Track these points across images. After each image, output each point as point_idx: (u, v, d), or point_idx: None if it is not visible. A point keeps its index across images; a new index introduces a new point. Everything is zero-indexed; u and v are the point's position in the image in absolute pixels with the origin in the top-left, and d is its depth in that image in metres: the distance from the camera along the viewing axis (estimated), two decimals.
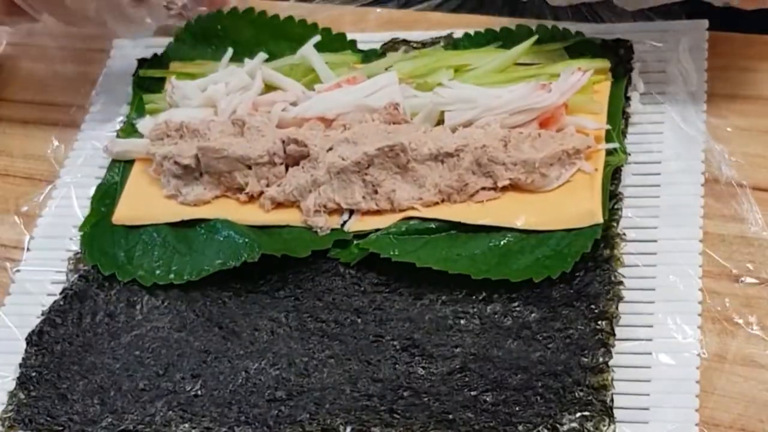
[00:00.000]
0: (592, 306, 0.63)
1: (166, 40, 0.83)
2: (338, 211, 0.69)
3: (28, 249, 0.74)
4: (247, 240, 0.68)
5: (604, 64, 0.73)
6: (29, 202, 0.77)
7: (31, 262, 0.73)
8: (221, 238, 0.69)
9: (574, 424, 0.59)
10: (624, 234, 0.66)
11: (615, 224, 0.66)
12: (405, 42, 0.79)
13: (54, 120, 0.82)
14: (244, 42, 0.80)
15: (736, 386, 0.61)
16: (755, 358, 0.62)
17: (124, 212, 0.73)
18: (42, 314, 0.70)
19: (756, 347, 0.62)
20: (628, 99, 0.72)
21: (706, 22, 0.75)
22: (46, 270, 0.73)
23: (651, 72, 0.74)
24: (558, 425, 0.59)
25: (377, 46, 0.79)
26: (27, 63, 0.88)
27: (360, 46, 0.80)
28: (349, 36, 0.81)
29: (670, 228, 0.66)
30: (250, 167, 0.71)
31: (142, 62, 0.82)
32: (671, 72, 0.73)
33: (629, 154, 0.70)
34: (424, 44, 0.79)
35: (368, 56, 0.78)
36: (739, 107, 0.72)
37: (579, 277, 0.64)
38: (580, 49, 0.74)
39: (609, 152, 0.69)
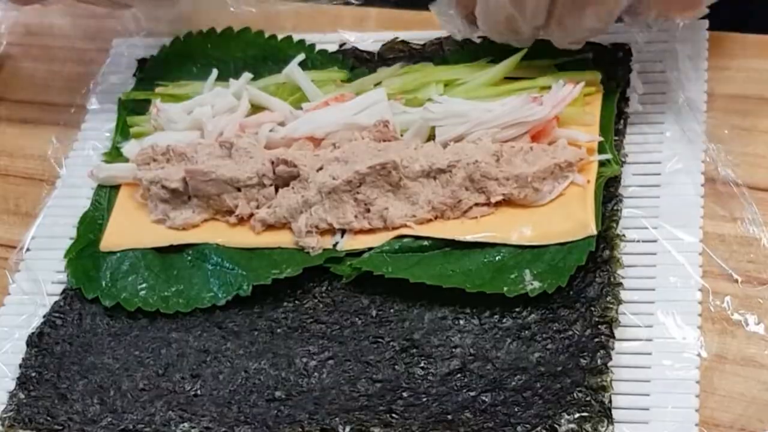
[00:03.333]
0: (592, 308, 0.63)
1: (165, 41, 0.83)
2: (330, 231, 0.69)
3: (28, 249, 0.74)
4: (236, 269, 0.68)
5: (595, 76, 0.72)
6: (29, 202, 0.77)
7: (31, 263, 0.73)
8: (210, 267, 0.69)
9: (572, 425, 0.59)
10: (624, 235, 0.66)
11: (615, 225, 0.66)
12: (404, 42, 0.79)
13: (54, 120, 0.82)
14: (229, 61, 0.79)
15: (736, 386, 0.61)
16: (755, 358, 0.62)
17: (112, 239, 0.72)
18: (42, 314, 0.70)
19: (756, 347, 0.62)
20: (627, 100, 0.72)
21: (706, 23, 0.75)
22: (46, 270, 0.73)
23: (650, 72, 0.74)
24: (556, 426, 0.59)
25: (377, 46, 0.79)
26: (27, 63, 0.88)
27: (360, 46, 0.80)
28: (349, 36, 0.80)
29: (670, 228, 0.66)
30: (239, 189, 0.70)
31: (142, 62, 0.82)
32: (670, 73, 0.73)
33: (623, 164, 0.69)
34: (424, 45, 0.78)
35: (354, 71, 0.77)
36: (739, 107, 0.72)
37: (579, 279, 0.64)
38: (570, 64, 0.73)
39: (602, 163, 0.69)
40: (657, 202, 0.67)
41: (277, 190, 0.71)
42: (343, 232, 0.69)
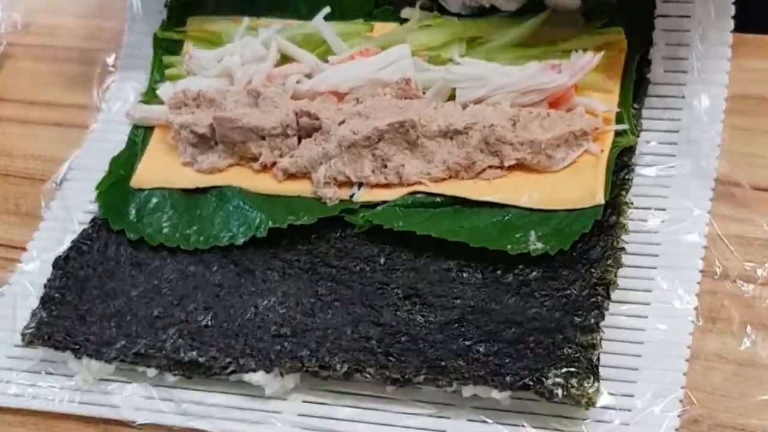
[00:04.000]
0: (592, 269, 0.63)
1: None
2: (348, 183, 0.70)
3: (64, 179, 0.76)
4: (255, 212, 0.70)
5: (618, 35, 0.72)
6: (29, 202, 0.77)
7: (66, 192, 0.76)
8: (231, 208, 0.71)
9: (558, 379, 0.59)
10: (632, 202, 0.66)
11: (624, 193, 0.67)
12: None
13: (54, 120, 0.82)
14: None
15: (736, 386, 0.61)
16: (755, 358, 0.62)
17: (142, 177, 0.74)
18: (70, 240, 0.72)
19: (756, 347, 0.62)
20: (649, 63, 0.72)
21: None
22: (79, 200, 0.75)
23: (673, 21, 0.72)
24: (543, 378, 0.60)
25: None
26: (27, 63, 0.88)
27: None
28: None
29: (679, 198, 0.67)
30: (263, 138, 0.72)
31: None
32: (694, 40, 0.71)
33: (639, 135, 0.69)
34: None
35: (379, 9, 0.78)
36: (739, 107, 0.71)
37: (583, 241, 0.65)
38: (595, 11, 0.73)
39: (618, 132, 0.69)
40: (671, 171, 0.68)
41: (299, 141, 0.72)
42: (360, 185, 0.70)
